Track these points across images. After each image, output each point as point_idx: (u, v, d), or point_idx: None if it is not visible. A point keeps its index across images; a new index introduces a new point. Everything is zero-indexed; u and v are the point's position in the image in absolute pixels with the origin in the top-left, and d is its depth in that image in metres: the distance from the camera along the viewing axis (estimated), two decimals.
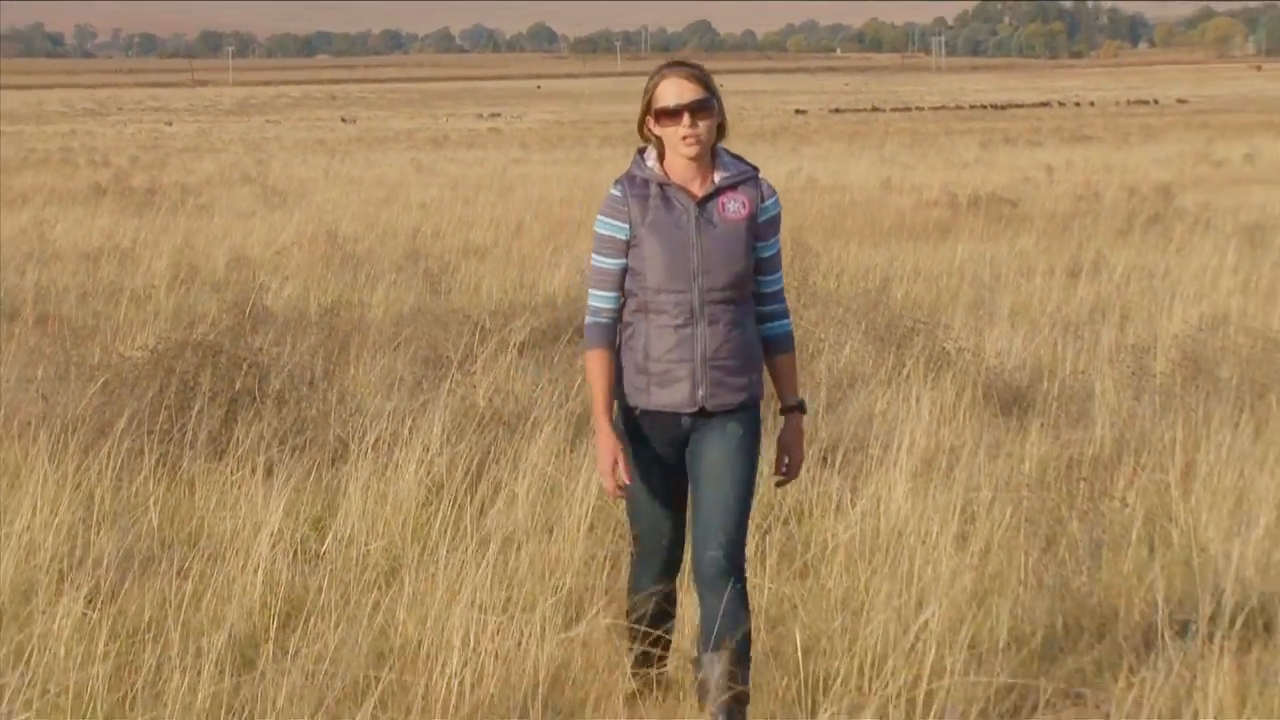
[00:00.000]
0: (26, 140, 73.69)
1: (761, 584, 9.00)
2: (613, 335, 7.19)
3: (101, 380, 12.71)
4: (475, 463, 10.57)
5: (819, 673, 7.72)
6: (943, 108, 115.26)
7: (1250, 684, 7.63)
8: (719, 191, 7.07)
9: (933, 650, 7.90)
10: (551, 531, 9.63)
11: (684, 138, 6.93)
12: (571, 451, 10.76)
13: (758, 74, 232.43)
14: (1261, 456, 10.42)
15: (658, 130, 7.02)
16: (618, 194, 7.08)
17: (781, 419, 7.45)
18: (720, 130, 7.10)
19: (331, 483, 10.65)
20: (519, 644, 8.04)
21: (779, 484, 7.62)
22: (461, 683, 7.72)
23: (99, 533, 9.77)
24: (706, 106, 6.95)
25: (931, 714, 7.43)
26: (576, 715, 7.65)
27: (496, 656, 7.93)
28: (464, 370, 13.81)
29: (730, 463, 7.14)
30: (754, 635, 7.46)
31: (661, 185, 7.05)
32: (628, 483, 7.09)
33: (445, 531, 9.46)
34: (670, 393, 7.10)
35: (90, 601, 8.37)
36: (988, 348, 15.68)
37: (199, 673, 7.74)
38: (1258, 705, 7.28)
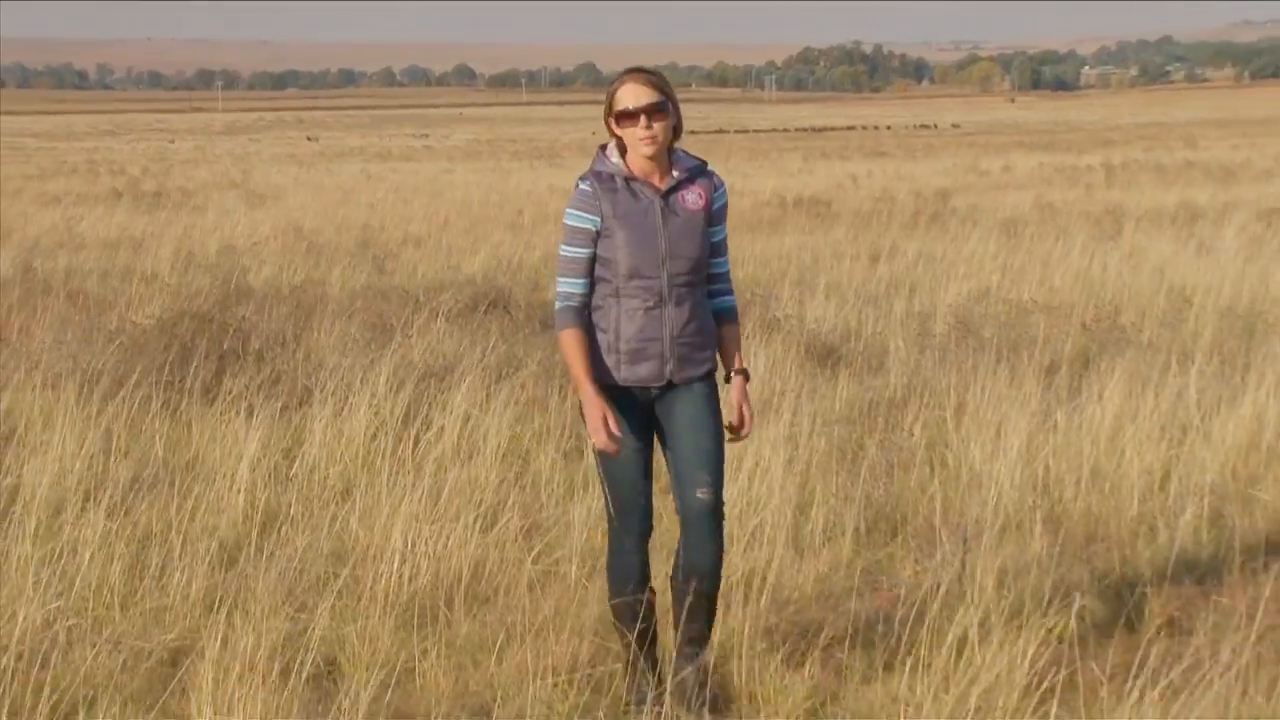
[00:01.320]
0: (59, 154, 72.91)
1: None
2: (584, 317, 6.46)
3: (118, 342, 12.66)
4: (412, 406, 10.53)
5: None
6: (774, 130, 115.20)
7: (1007, 569, 7.69)
8: (679, 184, 6.47)
9: (765, 546, 7.94)
10: (472, 458, 9.61)
11: (642, 138, 6.34)
12: (487, 397, 10.71)
13: None
14: (1014, 397, 10.48)
15: (619, 131, 6.43)
16: (588, 189, 6.42)
17: (728, 385, 6.74)
18: (675, 131, 6.49)
19: (298, 422, 10.60)
20: (446, 546, 8.04)
21: (732, 440, 6.70)
22: (401, 577, 7.72)
23: (115, 461, 9.72)
24: (662, 109, 6.36)
25: (765, 595, 7.47)
26: (491, 601, 7.63)
27: (429, 556, 7.92)
28: (404, 334, 13.78)
29: (703, 414, 6.52)
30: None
31: (627, 179, 6.43)
32: (618, 435, 6.35)
33: (388, 459, 9.43)
34: (639, 369, 6.43)
35: (109, 514, 8.30)
36: (808, 315, 15.71)
37: (194, 569, 7.74)
38: (1013, 589, 7.33)
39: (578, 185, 6.47)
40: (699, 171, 6.57)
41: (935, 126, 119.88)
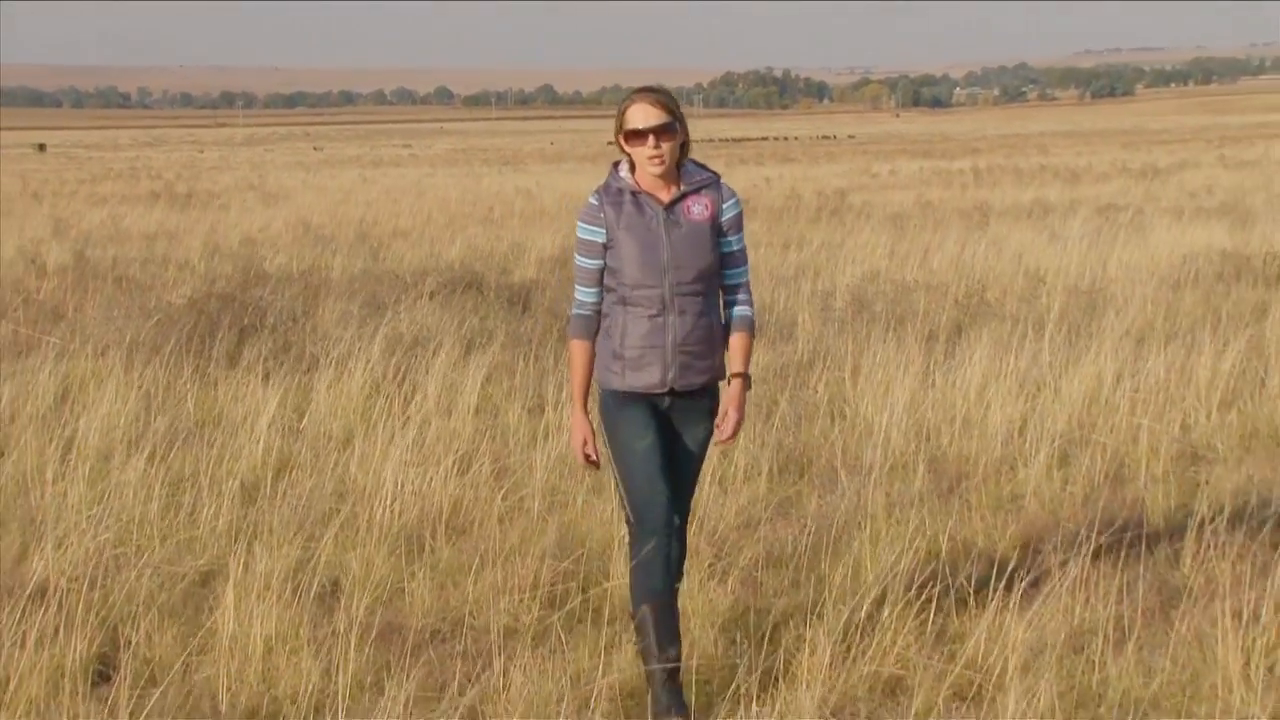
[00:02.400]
0: (106, 162, 72.34)
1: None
2: (594, 326, 5.81)
3: (155, 318, 12.60)
4: (401, 370, 10.50)
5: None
6: (701, 140, 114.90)
7: (894, 502, 7.71)
8: (684, 196, 5.72)
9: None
10: (450, 413, 9.59)
11: (650, 157, 5.64)
12: (464, 362, 10.69)
13: (584, 119, 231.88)
14: (900, 360, 10.49)
15: (628, 148, 5.70)
16: (594, 203, 5.73)
17: (728, 386, 5.87)
18: (684, 147, 5.77)
19: (306, 383, 10.55)
20: (430, 486, 8.02)
21: (719, 443, 5.95)
22: (392, 512, 7.69)
23: (154, 416, 9.66)
24: (669, 129, 5.65)
25: (695, 525, 7.46)
26: (466, 532, 7.61)
27: (416, 495, 7.91)
28: (394, 311, 13.72)
29: (698, 458, 5.88)
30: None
31: (634, 193, 5.70)
32: (595, 461, 5.80)
33: (381, 414, 9.38)
34: (643, 375, 5.68)
35: (148, 461, 8.27)
36: None
37: (220, 506, 7.71)
38: (899, 518, 7.34)
39: (588, 199, 5.80)
40: (708, 183, 5.83)
41: (834, 137, 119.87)
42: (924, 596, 6.30)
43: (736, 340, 5.90)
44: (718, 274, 5.80)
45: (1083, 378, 10.18)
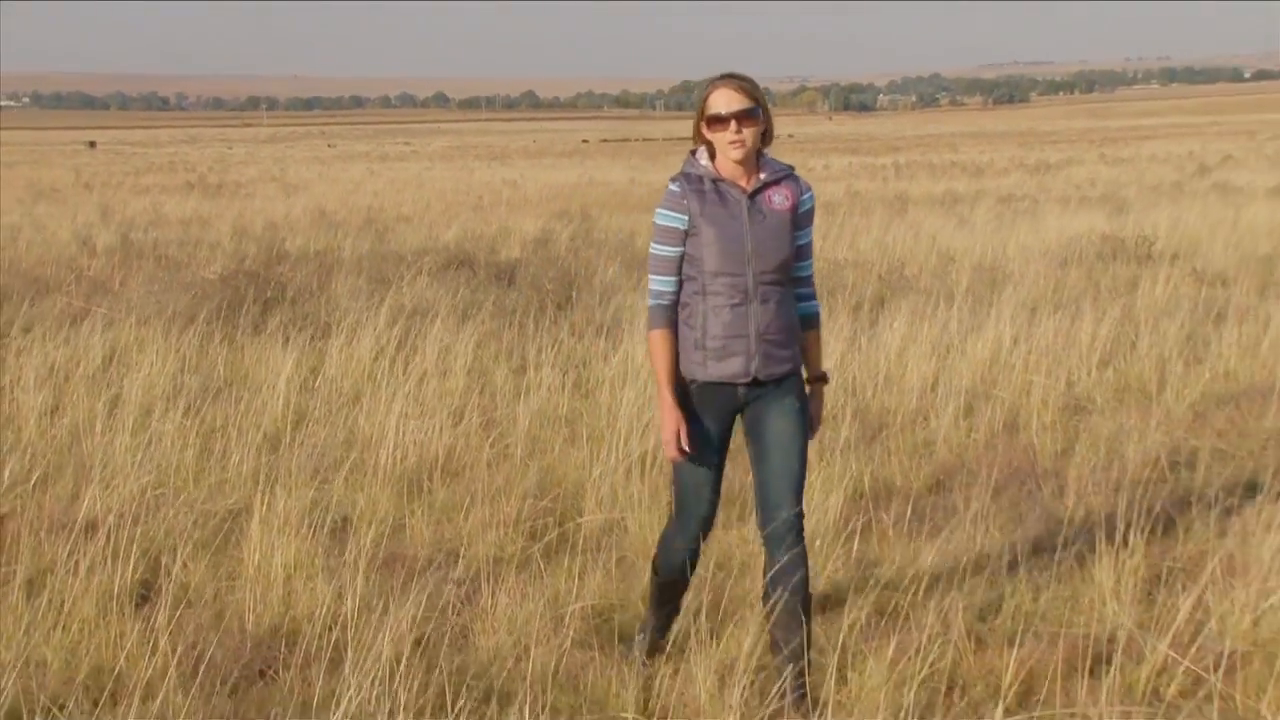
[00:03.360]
0: (148, 158, 71.86)
1: (561, 399, 8.99)
2: (673, 315, 5.02)
3: (191, 292, 12.57)
4: (403, 336, 10.46)
5: (596, 445, 7.72)
6: (663, 139, 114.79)
7: (826, 449, 7.69)
8: (765, 186, 4.99)
9: (655, 434, 7.91)
10: (446, 374, 9.56)
11: (731, 142, 4.89)
12: (458, 330, 10.66)
13: (562, 120, 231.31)
14: (831, 326, 10.46)
15: (709, 135, 4.96)
16: (676, 190, 4.97)
17: (808, 387, 5.22)
18: (765, 136, 5.03)
19: (321, 348, 10.49)
20: (427, 436, 7.99)
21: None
22: (395, 459, 7.66)
23: (189, 376, 9.63)
24: (752, 115, 4.91)
25: (657, 467, 7.46)
26: (459, 475, 7.58)
27: (415, 443, 7.87)
28: (397, 285, 13.69)
29: (795, 434, 5.02)
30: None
31: (715, 181, 4.95)
32: (689, 451, 4.96)
33: (386, 374, 9.35)
34: (726, 365, 4.93)
35: (184, 414, 8.26)
36: None
37: (246, 453, 7.67)
38: (829, 461, 7.34)
39: (668, 187, 5.03)
40: (787, 174, 5.10)
41: (779, 137, 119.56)
42: (851, 528, 6.34)
43: (811, 338, 5.21)
44: (793, 264, 5.05)
45: (985, 341, 10.21)
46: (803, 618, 4.89)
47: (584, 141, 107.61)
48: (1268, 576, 5.58)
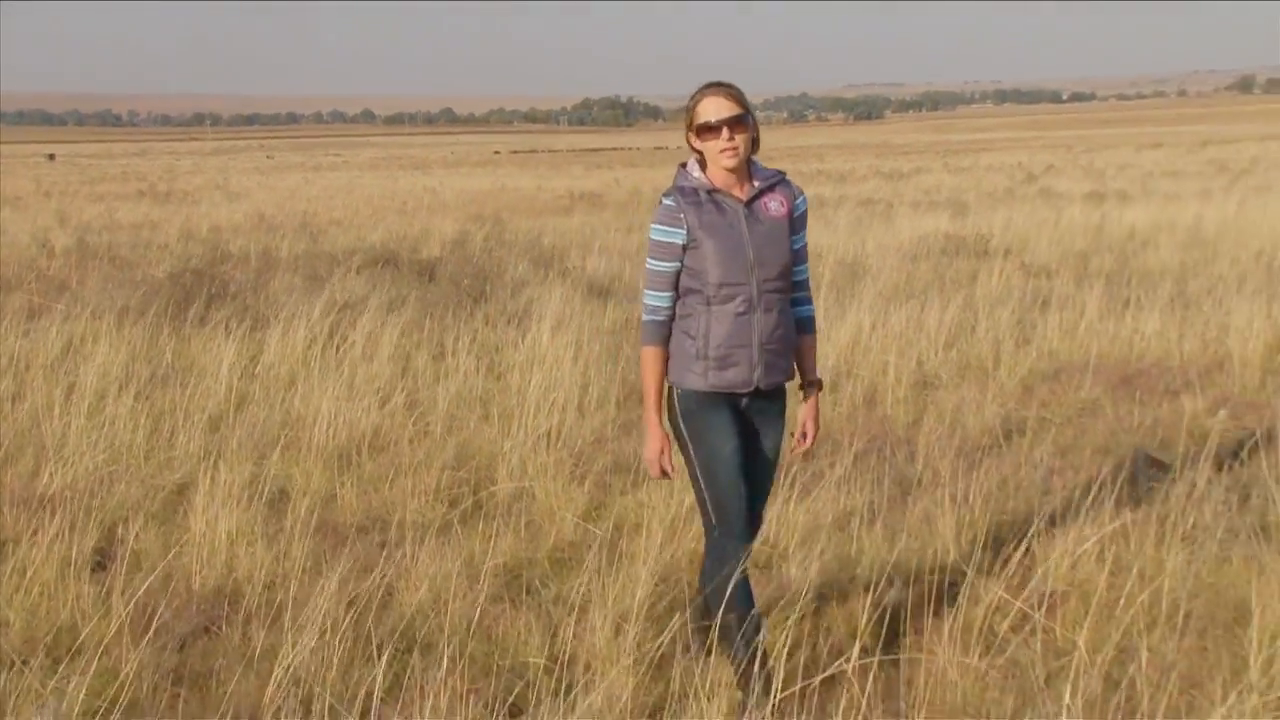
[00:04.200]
0: (102, 169, 70.12)
1: (476, 381, 8.93)
2: (667, 332, 4.46)
3: (142, 289, 12.31)
4: (334, 327, 10.33)
5: (506, 422, 7.68)
6: (566, 150, 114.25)
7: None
8: (760, 193, 4.45)
9: (560, 411, 7.91)
10: (372, 360, 9.45)
11: (723, 150, 4.34)
12: (383, 321, 10.54)
13: (476, 134, 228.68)
14: None
15: (699, 144, 4.40)
16: (672, 204, 4.37)
17: (801, 394, 4.74)
18: (754, 144, 4.47)
19: (260, 338, 10.31)
20: (356, 415, 7.90)
21: (803, 454, 4.72)
22: (327, 436, 7.56)
23: (140, 365, 9.42)
24: (742, 121, 4.35)
25: (560, 441, 7.44)
26: (385, 450, 7.51)
27: (345, 422, 7.77)
28: (329, 282, 13.51)
29: (775, 460, 4.58)
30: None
31: (710, 192, 4.39)
32: (670, 473, 4.52)
33: (318, 361, 9.23)
34: (728, 374, 4.38)
35: (135, 398, 8.08)
36: (588, 267, 15.66)
37: (192, 433, 7.54)
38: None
39: (661, 201, 4.43)
40: (779, 180, 4.56)
41: (667, 148, 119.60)
42: None
43: (806, 342, 4.65)
44: (792, 270, 4.53)
45: (847, 327, 10.29)
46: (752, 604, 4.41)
47: (496, 153, 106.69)
48: (1083, 526, 5.70)
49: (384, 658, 4.31)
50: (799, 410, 4.66)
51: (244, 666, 4.61)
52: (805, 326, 4.63)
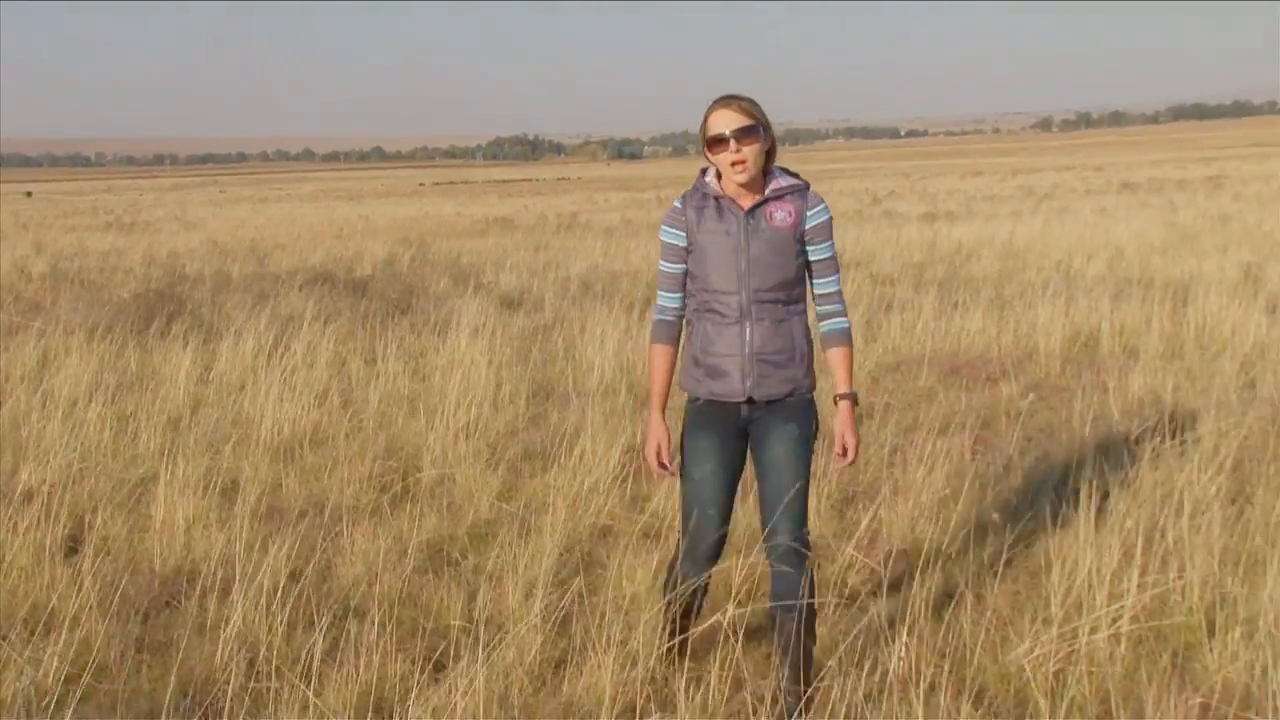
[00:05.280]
0: (74, 204, 68.03)
1: (403, 382, 8.82)
2: (675, 332, 3.92)
3: (109, 308, 12.01)
4: (279, 337, 10.13)
5: (430, 417, 7.59)
6: (481, 181, 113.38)
7: (607, 415, 7.70)
8: (766, 202, 3.76)
9: (476, 407, 7.85)
10: (312, 365, 9.27)
11: (733, 163, 3.69)
12: (321, 331, 10.35)
13: (403, 169, 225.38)
14: (611, 321, 10.52)
15: (712, 157, 3.75)
16: (678, 206, 3.81)
17: (835, 407, 3.95)
18: (769, 155, 3.80)
19: (214, 349, 10.08)
20: (298, 414, 7.75)
21: (842, 464, 3.94)
22: (273, 433, 7.40)
23: (108, 374, 9.15)
24: (751, 133, 3.69)
25: (477, 433, 7.38)
26: (324, 444, 7.36)
27: (289, 420, 7.62)
28: (274, 298, 13.27)
29: (792, 461, 3.76)
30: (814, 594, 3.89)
31: (717, 198, 3.77)
32: (669, 470, 3.93)
33: (265, 367, 9.05)
34: (721, 383, 3.79)
35: (104, 404, 7.83)
36: (501, 281, 15.56)
37: (153, 432, 7.33)
38: (609, 425, 7.34)
39: (673, 203, 3.88)
40: (794, 190, 3.83)
41: (569, 179, 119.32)
42: (624, 473, 6.36)
43: (836, 357, 3.89)
44: (800, 282, 3.82)
45: None
46: (801, 636, 3.75)
47: (421, 185, 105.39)
48: (920, 494, 5.79)
49: (323, 623, 4.24)
50: (834, 423, 3.95)
51: (200, 635, 4.50)
52: (833, 340, 3.87)
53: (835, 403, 3.91)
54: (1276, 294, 11.92)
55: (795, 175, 3.85)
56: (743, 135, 3.69)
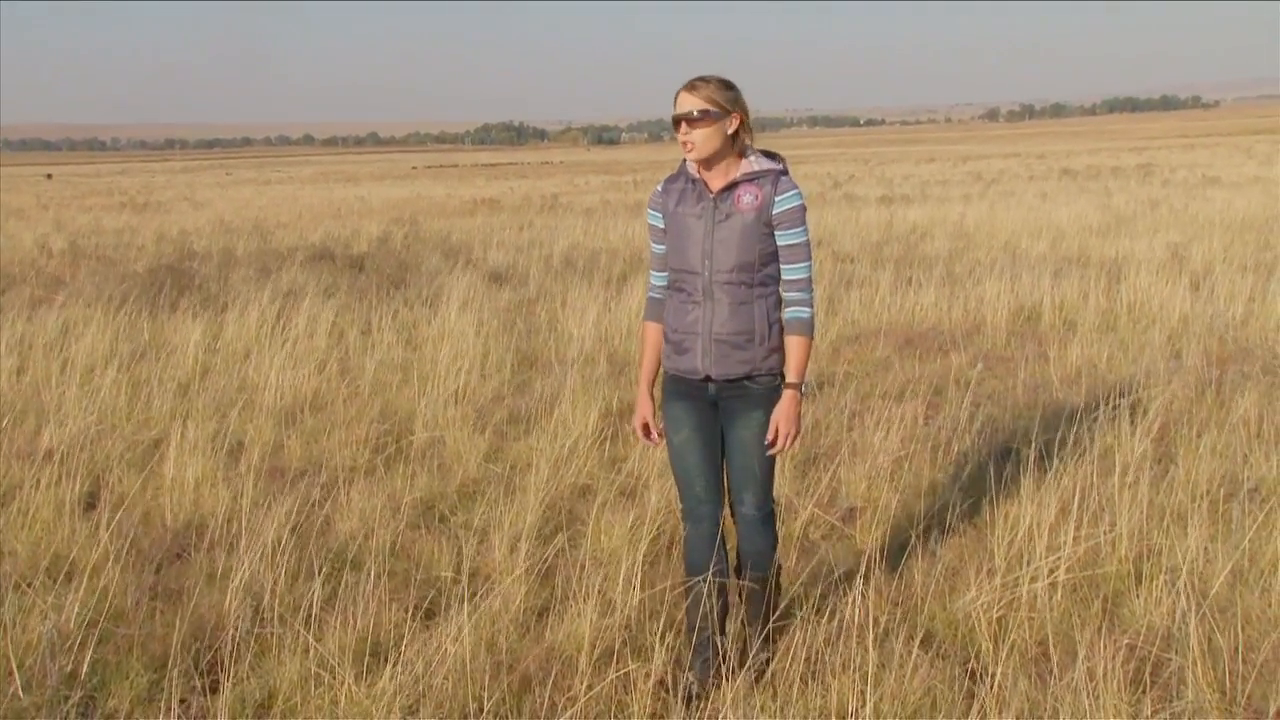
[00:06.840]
0: (91, 185, 67.22)
1: (397, 352, 8.77)
2: (662, 309, 3.72)
3: (124, 282, 11.89)
4: (281, 310, 10.05)
5: (422, 384, 7.55)
6: (470, 165, 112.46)
7: (587, 382, 7.67)
8: (736, 185, 3.52)
9: (465, 375, 7.81)
10: (312, 335, 9.22)
11: (683, 143, 3.51)
12: (322, 304, 10.28)
13: (398, 153, 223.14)
14: (592, 295, 10.50)
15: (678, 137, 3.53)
16: (659, 189, 3.62)
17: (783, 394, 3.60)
18: (735, 137, 3.51)
19: (221, 320, 10.01)
20: (299, 380, 7.71)
21: (771, 453, 3.57)
22: (276, 398, 7.37)
23: (123, 343, 9.08)
24: (703, 117, 3.44)
25: (465, 398, 7.35)
26: (323, 409, 7.32)
27: (291, 387, 7.58)
28: (277, 273, 13.16)
29: (755, 441, 3.56)
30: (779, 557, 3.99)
31: (692, 180, 3.58)
32: (654, 442, 3.73)
33: (268, 337, 8.98)
34: (685, 360, 3.59)
35: (119, 371, 7.77)
36: (489, 258, 15.47)
37: (165, 397, 7.28)
38: (589, 391, 7.31)
39: (656, 186, 3.70)
40: (765, 174, 3.55)
41: (551, 163, 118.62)
42: (603, 436, 6.35)
43: (789, 344, 3.58)
44: (764, 267, 3.54)
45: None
46: (767, 593, 3.76)
47: (414, 168, 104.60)
48: (876, 456, 5.80)
49: (322, 574, 4.22)
50: (776, 407, 3.61)
51: (209, 584, 4.47)
52: (790, 328, 3.58)
53: (782, 387, 3.60)
54: (1199, 272, 11.99)
55: (774, 158, 3.61)
56: (693, 119, 3.46)
